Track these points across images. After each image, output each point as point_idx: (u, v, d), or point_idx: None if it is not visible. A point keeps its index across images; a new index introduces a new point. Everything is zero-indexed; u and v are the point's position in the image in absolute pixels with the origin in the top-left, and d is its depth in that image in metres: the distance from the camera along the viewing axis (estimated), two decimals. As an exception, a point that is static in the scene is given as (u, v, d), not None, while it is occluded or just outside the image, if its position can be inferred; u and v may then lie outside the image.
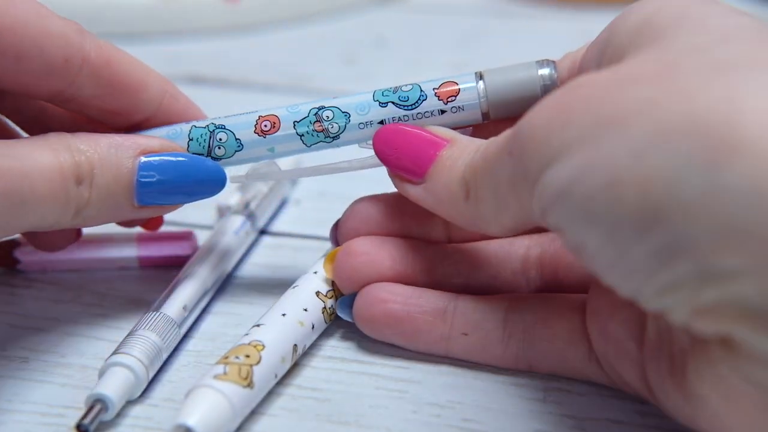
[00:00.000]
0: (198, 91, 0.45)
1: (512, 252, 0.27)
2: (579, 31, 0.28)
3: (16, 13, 0.24)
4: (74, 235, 0.29)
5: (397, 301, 0.26)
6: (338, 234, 0.28)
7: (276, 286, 0.30)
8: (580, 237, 0.20)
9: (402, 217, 0.27)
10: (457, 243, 0.27)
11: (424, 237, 0.27)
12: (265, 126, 0.26)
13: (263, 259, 0.32)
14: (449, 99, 0.26)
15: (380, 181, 0.34)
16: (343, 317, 0.27)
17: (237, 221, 0.31)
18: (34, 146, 0.24)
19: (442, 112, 0.26)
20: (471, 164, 0.24)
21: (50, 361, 0.26)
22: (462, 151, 0.25)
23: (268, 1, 0.56)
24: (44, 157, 0.23)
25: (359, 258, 0.26)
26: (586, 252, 0.20)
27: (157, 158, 0.25)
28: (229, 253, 0.30)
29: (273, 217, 0.34)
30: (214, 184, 0.26)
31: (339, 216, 0.33)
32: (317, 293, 0.27)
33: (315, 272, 0.27)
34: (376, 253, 0.26)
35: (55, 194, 0.24)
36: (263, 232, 0.33)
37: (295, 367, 0.26)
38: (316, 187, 0.36)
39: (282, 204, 0.35)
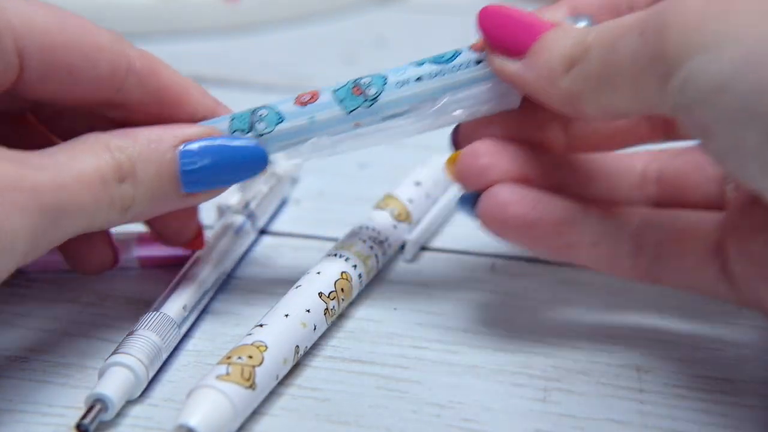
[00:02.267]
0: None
1: (630, 166, 0.27)
2: (579, 32, 0.28)
3: (70, 30, 0.25)
4: (110, 260, 0.29)
5: (527, 204, 0.25)
6: (459, 136, 0.27)
7: (276, 286, 0.30)
8: (735, 136, 0.19)
9: (522, 122, 0.27)
10: (575, 153, 0.27)
11: (544, 144, 0.27)
12: (305, 97, 0.26)
13: (263, 259, 0.32)
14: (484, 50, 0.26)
15: (382, 181, 0.34)
16: (464, 214, 0.26)
17: (237, 221, 0.31)
18: (71, 152, 0.24)
19: (478, 62, 0.26)
20: (581, 41, 0.23)
21: (50, 361, 0.26)
22: (568, 32, 0.24)
23: (267, 1, 0.56)
24: (83, 163, 0.23)
25: (483, 159, 0.25)
26: (738, 153, 0.19)
27: (196, 145, 0.25)
28: (229, 252, 0.30)
29: (273, 216, 0.34)
30: (257, 162, 0.26)
31: (338, 216, 0.33)
32: (320, 294, 0.27)
33: (318, 272, 0.27)
34: (499, 155, 0.26)
35: (97, 199, 0.23)
36: (263, 231, 0.33)
37: (296, 366, 0.26)
38: (316, 187, 0.36)
39: (282, 204, 0.35)
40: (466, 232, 0.33)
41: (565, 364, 0.26)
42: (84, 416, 0.23)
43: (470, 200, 0.26)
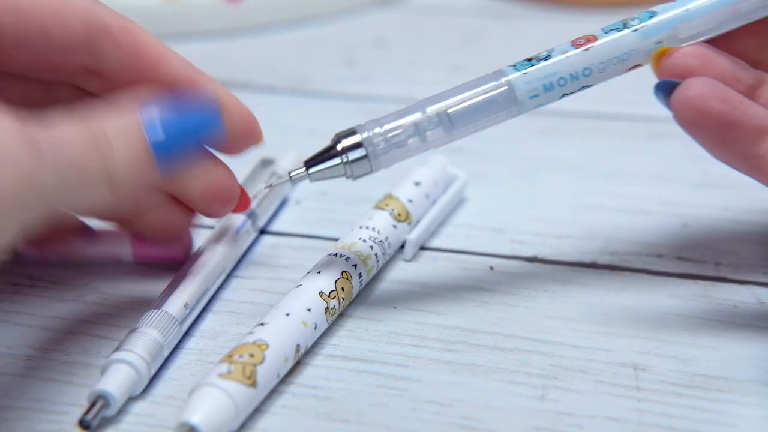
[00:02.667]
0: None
1: None
2: (577, 33, 0.28)
3: None
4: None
5: (730, 101, 0.24)
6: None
7: (277, 285, 0.30)
8: None
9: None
10: None
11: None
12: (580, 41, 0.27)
13: (264, 259, 0.32)
14: None
15: (382, 182, 0.34)
16: (658, 100, 0.26)
17: (238, 220, 0.31)
18: (59, 121, 0.23)
19: None
20: None
21: (54, 359, 0.26)
22: None
23: (269, 4, 0.56)
24: (71, 130, 0.23)
25: (692, 59, 0.25)
26: None
27: (159, 115, 0.24)
28: (230, 251, 0.30)
29: (273, 216, 0.34)
30: (213, 117, 0.26)
31: (338, 216, 0.34)
32: (320, 293, 0.27)
33: (318, 272, 0.28)
34: (710, 58, 0.25)
35: (87, 165, 0.23)
36: (263, 231, 0.33)
37: (296, 365, 0.26)
38: (317, 186, 0.36)
39: (282, 203, 0.35)
40: (465, 233, 0.33)
41: (563, 363, 0.26)
42: (86, 412, 0.23)
43: (667, 87, 0.25)
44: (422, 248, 0.32)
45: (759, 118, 0.24)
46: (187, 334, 0.27)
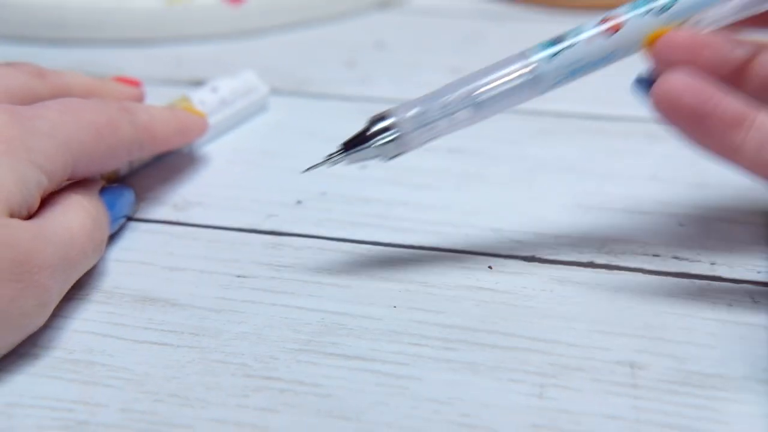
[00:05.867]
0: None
1: None
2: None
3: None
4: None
5: (703, 95, 0.25)
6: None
7: (277, 285, 0.30)
8: None
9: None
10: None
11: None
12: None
13: (266, 258, 0.32)
14: None
15: (383, 182, 0.35)
16: (637, 94, 0.26)
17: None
18: (62, 212, 0.29)
19: None
20: None
21: (59, 357, 0.27)
22: None
23: (269, 6, 0.56)
24: (74, 221, 0.29)
25: (679, 45, 0.26)
26: None
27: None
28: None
29: (273, 215, 0.35)
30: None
31: (338, 216, 0.34)
32: None
33: None
34: (697, 43, 0.26)
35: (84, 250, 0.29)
36: (263, 231, 0.34)
37: (297, 363, 0.27)
38: (318, 187, 0.36)
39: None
40: (464, 232, 0.33)
41: (561, 361, 0.27)
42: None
43: (646, 83, 0.26)
44: (422, 248, 0.33)
45: (733, 109, 0.25)
46: (187, 333, 0.28)
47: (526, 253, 0.32)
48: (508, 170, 0.38)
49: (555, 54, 0.27)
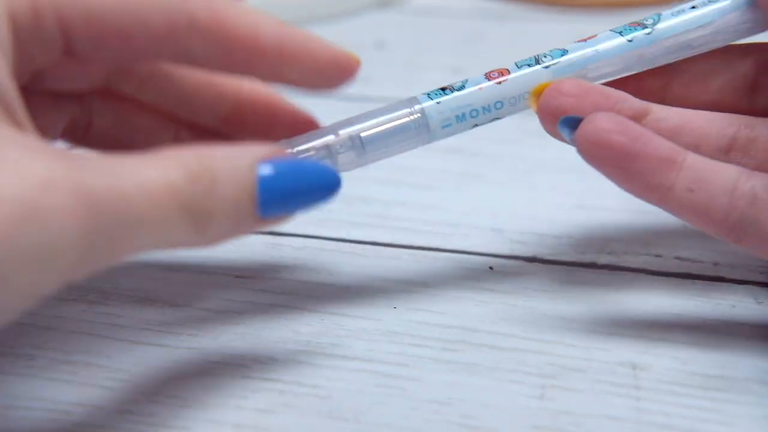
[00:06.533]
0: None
1: (721, 131, 0.26)
2: (577, 34, 0.28)
3: None
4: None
5: (630, 134, 0.24)
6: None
7: (276, 285, 0.30)
8: None
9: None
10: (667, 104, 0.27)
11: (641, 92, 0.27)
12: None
13: (265, 259, 0.32)
14: None
15: (383, 181, 0.35)
16: (563, 136, 0.26)
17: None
18: (140, 159, 0.21)
19: None
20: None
21: (56, 358, 0.27)
22: None
23: (268, 6, 0.56)
24: (150, 171, 0.20)
25: (566, 99, 0.25)
26: None
27: (273, 168, 0.23)
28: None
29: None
30: (331, 187, 0.24)
31: (338, 216, 0.34)
32: None
33: None
34: (584, 96, 0.26)
35: (164, 213, 0.20)
36: (263, 232, 0.34)
37: (296, 364, 0.26)
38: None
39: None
40: (464, 233, 0.33)
41: (562, 362, 0.26)
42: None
43: (571, 123, 0.25)
44: (423, 248, 0.33)
45: (661, 150, 0.24)
46: (186, 334, 0.28)
47: (527, 253, 0.32)
48: (508, 170, 0.38)
49: (442, 97, 0.27)
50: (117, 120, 0.29)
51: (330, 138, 0.27)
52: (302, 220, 0.34)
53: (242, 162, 0.22)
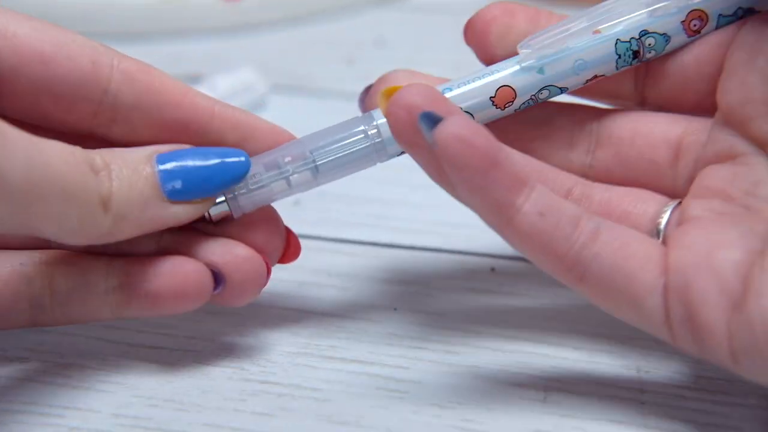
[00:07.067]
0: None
1: (559, 183, 0.26)
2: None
3: (35, 24, 0.24)
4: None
5: (493, 142, 0.23)
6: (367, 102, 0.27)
7: (276, 285, 0.30)
8: None
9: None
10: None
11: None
12: (694, 25, 0.26)
13: (263, 259, 0.32)
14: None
15: (382, 181, 0.34)
16: (422, 130, 0.23)
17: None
18: (39, 143, 0.22)
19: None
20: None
21: (50, 361, 0.26)
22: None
23: (267, 1, 0.56)
24: (53, 147, 0.22)
25: (416, 99, 0.24)
26: None
27: (174, 153, 0.25)
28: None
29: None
30: (238, 171, 0.25)
31: (338, 216, 0.33)
32: None
33: None
34: (438, 102, 0.24)
35: (72, 175, 0.22)
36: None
37: (295, 367, 0.26)
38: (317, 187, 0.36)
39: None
40: (466, 233, 0.33)
41: (566, 365, 0.26)
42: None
43: (431, 119, 0.23)
44: (423, 249, 0.32)
45: (520, 167, 0.23)
46: (183, 336, 0.27)
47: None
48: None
49: None
50: None
51: (283, 158, 0.26)
52: (301, 221, 0.34)
53: (140, 153, 0.24)
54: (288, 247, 0.28)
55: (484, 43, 0.27)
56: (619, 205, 0.26)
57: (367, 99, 0.27)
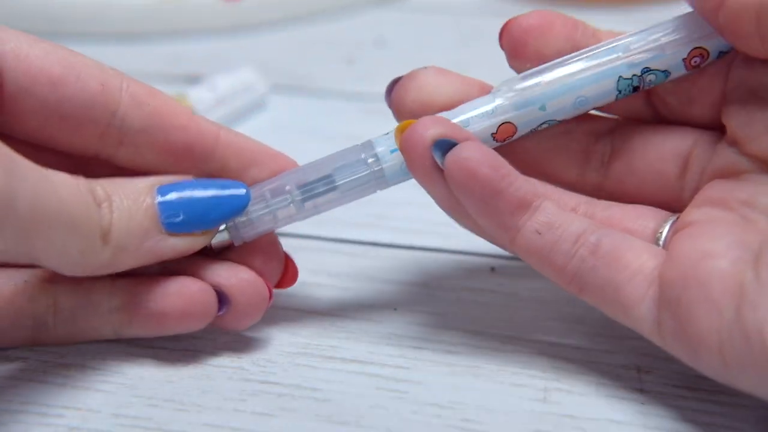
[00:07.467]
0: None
1: (564, 202, 0.27)
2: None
3: (46, 46, 0.24)
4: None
5: (498, 170, 0.24)
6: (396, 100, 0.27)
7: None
8: None
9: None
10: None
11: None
12: (695, 62, 0.26)
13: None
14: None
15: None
16: (435, 158, 0.25)
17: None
18: (46, 172, 0.22)
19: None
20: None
21: (49, 361, 0.26)
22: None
23: (267, 2, 0.56)
24: (57, 176, 0.22)
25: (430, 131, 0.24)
26: None
27: (174, 195, 0.25)
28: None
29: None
30: (236, 204, 0.25)
31: (337, 216, 0.33)
32: None
33: None
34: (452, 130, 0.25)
35: (73, 205, 0.22)
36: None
37: (295, 367, 0.26)
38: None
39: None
40: (466, 233, 0.33)
41: (566, 365, 0.26)
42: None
43: (444, 147, 0.24)
44: (424, 249, 0.32)
45: (522, 192, 0.24)
46: (182, 335, 0.27)
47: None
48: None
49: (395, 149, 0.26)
50: None
51: (286, 187, 0.26)
52: (303, 221, 0.34)
53: (140, 184, 0.25)
54: (286, 272, 0.28)
55: (520, 53, 0.26)
56: (621, 221, 0.26)
57: (394, 92, 0.27)
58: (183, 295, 0.25)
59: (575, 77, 0.26)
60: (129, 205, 0.24)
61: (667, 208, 0.26)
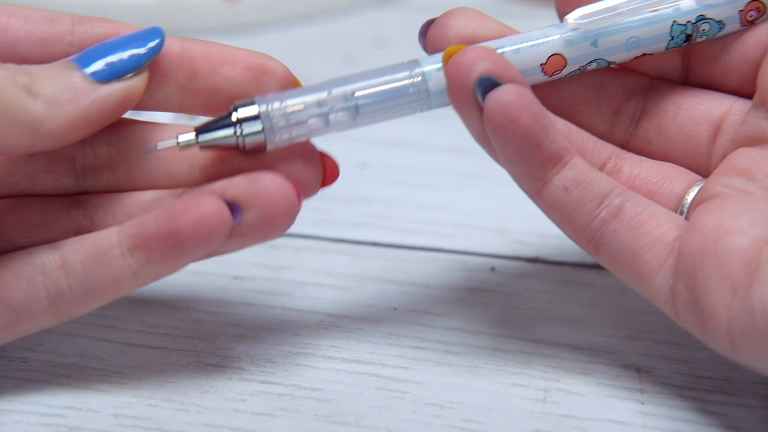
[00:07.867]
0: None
1: (596, 150, 0.27)
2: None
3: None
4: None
5: (539, 120, 0.24)
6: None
7: (275, 286, 0.30)
8: None
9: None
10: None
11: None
12: (750, 15, 0.26)
13: (263, 259, 0.32)
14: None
15: (382, 181, 0.34)
16: (478, 96, 0.24)
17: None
18: None
19: None
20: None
21: (50, 361, 0.26)
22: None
23: (267, 2, 0.56)
24: None
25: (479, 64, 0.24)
26: None
27: (89, 50, 0.25)
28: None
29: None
30: (151, 36, 0.26)
31: (337, 216, 0.33)
32: None
33: None
34: (499, 63, 0.24)
35: None
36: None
37: (294, 367, 0.26)
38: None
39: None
40: (466, 233, 0.33)
41: (565, 365, 0.26)
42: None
43: (488, 85, 0.24)
44: (424, 249, 0.32)
45: (556, 145, 0.24)
46: (183, 336, 0.27)
47: (529, 254, 0.32)
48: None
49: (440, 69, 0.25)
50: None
51: (323, 95, 0.26)
52: (302, 221, 0.34)
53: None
54: (325, 171, 0.27)
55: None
56: (646, 182, 0.26)
57: (429, 32, 0.27)
58: (190, 207, 0.24)
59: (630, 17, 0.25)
60: (48, 67, 0.24)
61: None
